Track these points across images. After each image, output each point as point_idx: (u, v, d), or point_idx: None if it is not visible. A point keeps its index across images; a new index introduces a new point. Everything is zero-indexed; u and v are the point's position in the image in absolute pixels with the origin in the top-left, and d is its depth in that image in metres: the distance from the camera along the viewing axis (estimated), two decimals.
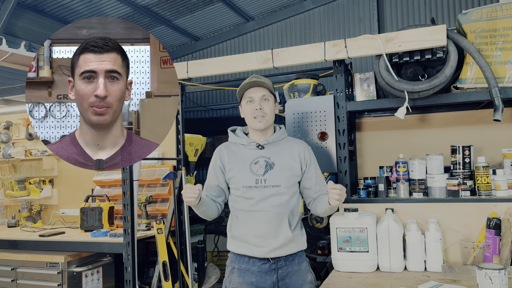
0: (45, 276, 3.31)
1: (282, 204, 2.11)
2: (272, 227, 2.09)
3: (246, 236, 2.12)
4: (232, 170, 2.16)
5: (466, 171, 2.40)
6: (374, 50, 2.30)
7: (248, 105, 2.17)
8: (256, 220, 2.10)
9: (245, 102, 2.19)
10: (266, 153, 2.16)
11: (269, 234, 2.09)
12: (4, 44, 3.54)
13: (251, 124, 2.19)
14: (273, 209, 2.09)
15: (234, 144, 2.24)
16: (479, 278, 1.69)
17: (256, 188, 2.11)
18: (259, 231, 2.09)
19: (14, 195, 4.51)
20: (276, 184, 2.11)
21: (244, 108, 2.21)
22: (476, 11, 2.35)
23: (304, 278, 2.16)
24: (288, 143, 2.24)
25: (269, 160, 2.14)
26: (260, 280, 2.10)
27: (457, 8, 7.12)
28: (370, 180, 2.67)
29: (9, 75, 5.64)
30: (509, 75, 2.27)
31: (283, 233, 2.09)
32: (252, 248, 2.11)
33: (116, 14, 7.00)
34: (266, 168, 2.12)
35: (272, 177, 2.11)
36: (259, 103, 2.15)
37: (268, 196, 2.10)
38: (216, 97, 8.91)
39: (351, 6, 7.85)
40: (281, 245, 2.09)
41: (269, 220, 2.09)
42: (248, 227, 2.11)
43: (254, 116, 2.15)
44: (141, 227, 3.63)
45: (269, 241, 2.09)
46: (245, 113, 2.21)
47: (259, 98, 2.15)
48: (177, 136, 4.04)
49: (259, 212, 2.10)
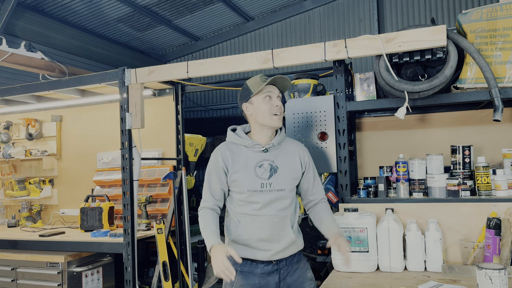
0: (45, 276, 3.32)
1: (285, 207, 2.10)
2: (276, 231, 2.07)
3: (248, 240, 2.08)
4: (236, 173, 2.09)
5: (466, 171, 2.40)
6: (374, 50, 2.29)
7: (266, 101, 2.09)
8: (260, 224, 2.06)
9: (262, 98, 2.10)
10: (270, 156, 2.12)
11: (272, 238, 2.07)
12: (4, 44, 3.54)
13: (267, 122, 2.10)
14: (278, 213, 2.07)
15: (235, 144, 2.16)
16: (479, 278, 1.69)
17: (261, 193, 2.06)
18: (262, 235, 2.06)
19: (14, 195, 4.51)
20: (281, 188, 2.08)
21: (259, 104, 2.10)
22: (476, 11, 2.34)
23: (305, 276, 2.17)
24: (288, 145, 2.21)
25: (273, 163, 2.10)
26: (263, 281, 2.08)
27: (457, 8, 7.12)
28: (370, 180, 2.66)
29: (9, 75, 5.64)
30: (509, 75, 2.27)
31: (286, 236, 2.08)
32: (254, 252, 2.08)
33: (116, 14, 7.01)
34: (270, 172, 2.08)
35: (276, 181, 2.08)
36: (277, 100, 2.12)
37: (273, 201, 2.07)
38: (216, 97, 8.91)
39: (351, 6, 7.85)
40: (284, 248, 2.09)
41: (273, 224, 2.07)
42: (251, 231, 2.07)
43: (274, 112, 2.09)
44: (141, 227, 3.63)
45: (272, 245, 2.07)
46: (261, 110, 2.10)
47: (276, 95, 2.12)
48: (177, 136, 4.04)
49: (263, 216, 2.06)
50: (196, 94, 8.86)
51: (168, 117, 4.07)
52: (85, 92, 3.94)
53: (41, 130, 4.61)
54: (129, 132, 3.12)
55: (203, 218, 2.10)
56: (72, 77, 3.64)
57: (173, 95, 4.06)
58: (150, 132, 3.62)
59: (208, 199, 2.14)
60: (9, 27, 5.61)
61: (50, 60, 3.79)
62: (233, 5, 7.75)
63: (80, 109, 4.46)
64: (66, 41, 6.64)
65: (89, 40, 7.17)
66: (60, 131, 4.57)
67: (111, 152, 4.27)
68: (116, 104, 3.68)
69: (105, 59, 7.55)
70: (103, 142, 4.33)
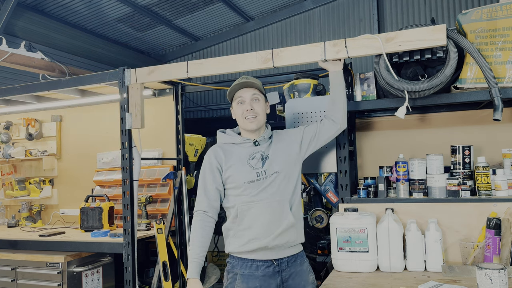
0: (45, 276, 3.31)
1: (282, 190, 2.10)
2: (275, 214, 2.07)
3: (248, 229, 2.07)
4: (230, 168, 2.12)
5: (466, 171, 2.40)
6: (374, 50, 2.29)
7: (239, 106, 2.18)
8: (258, 210, 2.07)
9: (236, 103, 2.19)
10: (261, 148, 2.17)
11: (272, 221, 2.06)
12: (4, 44, 3.54)
13: (242, 125, 2.19)
14: (274, 196, 2.08)
15: (226, 144, 2.21)
16: (479, 278, 1.69)
17: (258, 181, 2.09)
18: (262, 220, 2.06)
19: (14, 195, 4.51)
20: (276, 171, 2.11)
21: (235, 109, 2.21)
22: (476, 11, 2.34)
23: (307, 279, 2.16)
24: (277, 136, 2.26)
25: (264, 153, 2.15)
26: (264, 284, 2.07)
27: (457, 8, 7.12)
28: (370, 180, 2.66)
29: (9, 75, 5.64)
30: (509, 75, 2.26)
31: (285, 218, 2.07)
32: (254, 240, 2.06)
33: (116, 14, 7.01)
34: (263, 161, 2.12)
35: (270, 166, 2.12)
36: (250, 104, 2.15)
37: (268, 185, 2.09)
38: (216, 97, 8.91)
39: (351, 6, 7.85)
40: (283, 231, 2.07)
41: (272, 208, 2.07)
42: (249, 218, 2.07)
43: (245, 116, 2.15)
44: (141, 227, 3.63)
45: (272, 228, 2.06)
46: (236, 114, 2.20)
47: (249, 98, 2.16)
48: (177, 136, 4.04)
49: (260, 201, 2.07)
50: (196, 94, 8.85)
51: (168, 117, 4.07)
52: (85, 92, 3.94)
53: (41, 130, 4.61)
54: (129, 132, 3.11)
55: (192, 231, 2.13)
56: (72, 77, 3.64)
57: (173, 95, 4.06)
58: (150, 132, 3.62)
59: (202, 200, 2.14)
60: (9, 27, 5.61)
61: (50, 60, 3.79)
62: (233, 5, 7.75)
63: (80, 109, 4.46)
64: (66, 41, 6.64)
65: (89, 40, 7.17)
66: (60, 131, 4.57)
67: (111, 152, 4.27)
68: (116, 104, 3.67)
69: (105, 59, 7.54)
70: (103, 142, 4.33)
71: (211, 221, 2.13)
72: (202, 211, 2.12)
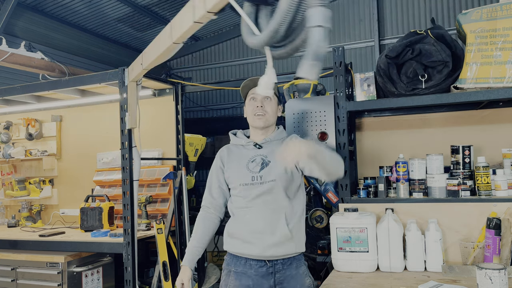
0: (45, 276, 3.32)
1: (277, 199, 2.09)
2: (268, 223, 2.06)
3: (241, 233, 2.09)
4: (230, 169, 2.18)
5: (466, 171, 2.40)
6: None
7: (251, 103, 2.19)
8: (252, 216, 2.08)
9: (249, 100, 2.21)
10: (264, 152, 2.17)
11: (265, 230, 2.06)
12: (4, 44, 3.54)
13: (251, 122, 2.20)
14: (270, 205, 2.07)
15: (234, 145, 2.26)
16: (479, 278, 1.69)
17: (252, 185, 2.09)
18: (254, 227, 2.06)
19: (14, 195, 4.51)
20: (272, 179, 2.09)
21: (247, 106, 2.23)
22: (476, 11, 2.34)
23: (302, 283, 2.12)
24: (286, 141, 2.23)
25: (266, 158, 2.14)
26: (257, 283, 2.06)
27: (457, 8, 7.12)
28: (370, 180, 2.66)
29: (9, 75, 5.64)
30: (509, 75, 2.26)
31: (279, 229, 2.05)
32: (247, 246, 2.07)
33: (116, 14, 7.01)
34: (262, 166, 2.12)
35: (268, 173, 2.10)
36: (261, 101, 2.16)
37: (263, 192, 2.08)
38: (216, 97, 8.91)
39: (351, 6, 7.85)
40: (277, 242, 2.05)
41: (265, 216, 2.06)
42: (243, 223, 2.10)
43: (255, 113, 2.16)
44: (141, 227, 3.63)
45: (265, 238, 2.05)
46: (247, 111, 2.22)
47: (262, 96, 2.16)
48: (177, 136, 4.04)
49: (254, 207, 2.08)
50: (196, 94, 8.85)
51: (168, 117, 4.07)
52: (85, 92, 3.94)
53: (41, 130, 4.61)
54: (129, 132, 3.12)
55: (195, 225, 2.25)
56: (72, 77, 3.64)
57: (173, 95, 4.06)
58: (150, 132, 3.62)
59: (206, 196, 2.26)
60: (9, 27, 5.61)
61: (50, 60, 3.79)
62: None
63: (80, 109, 4.46)
64: (66, 41, 6.65)
65: (89, 40, 7.17)
66: (60, 131, 4.57)
67: (111, 152, 4.27)
68: (116, 104, 3.67)
69: (105, 59, 7.55)
70: (103, 142, 4.33)
71: (213, 217, 2.22)
72: (206, 207, 2.25)
